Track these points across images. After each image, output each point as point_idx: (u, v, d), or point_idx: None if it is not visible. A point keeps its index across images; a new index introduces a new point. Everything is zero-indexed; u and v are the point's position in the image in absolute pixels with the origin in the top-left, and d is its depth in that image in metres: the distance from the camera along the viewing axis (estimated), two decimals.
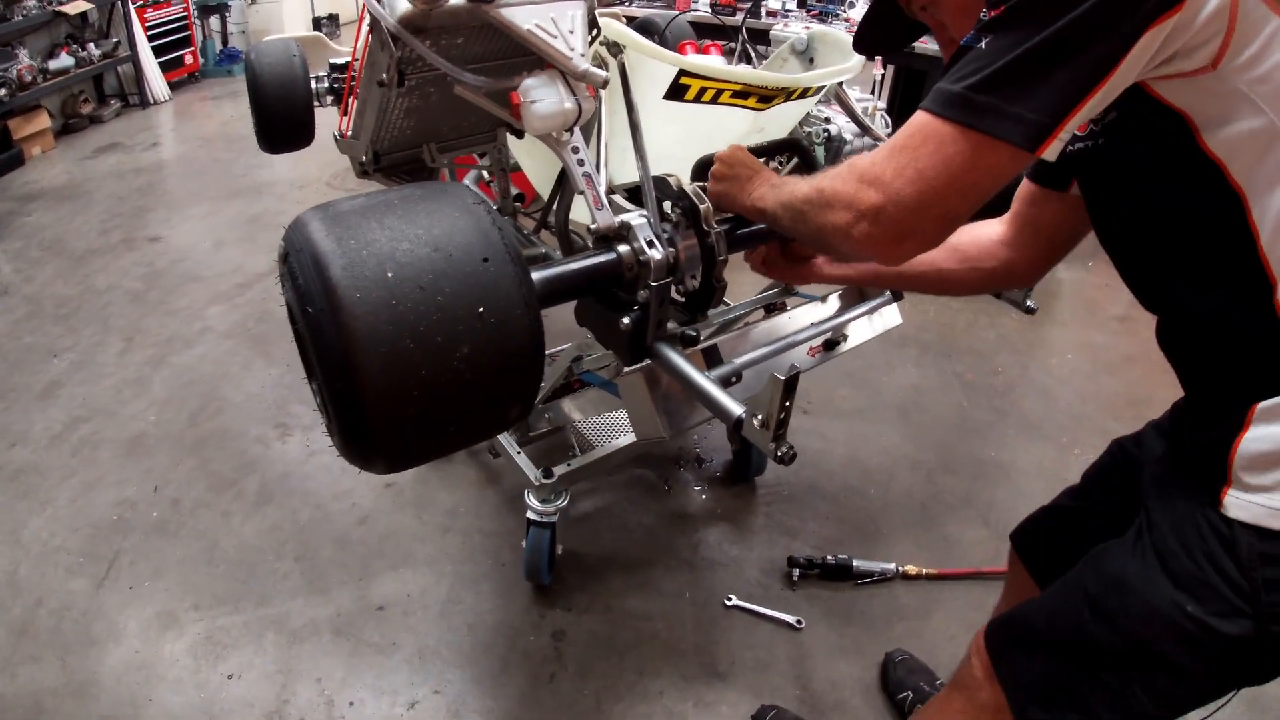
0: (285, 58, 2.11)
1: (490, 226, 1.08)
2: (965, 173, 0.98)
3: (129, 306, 3.99)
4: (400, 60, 1.45)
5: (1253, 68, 0.93)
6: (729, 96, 1.68)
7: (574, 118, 1.38)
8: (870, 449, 3.18)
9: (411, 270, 1.00)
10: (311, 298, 0.99)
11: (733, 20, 4.94)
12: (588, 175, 1.40)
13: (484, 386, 1.05)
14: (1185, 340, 1.18)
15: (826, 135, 1.99)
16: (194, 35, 7.84)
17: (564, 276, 1.31)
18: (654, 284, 1.31)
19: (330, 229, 1.02)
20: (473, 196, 1.13)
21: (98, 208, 5.11)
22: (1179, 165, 1.02)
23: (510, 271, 1.06)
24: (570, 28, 1.36)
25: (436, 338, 0.99)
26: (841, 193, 1.08)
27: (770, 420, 1.13)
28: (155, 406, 3.27)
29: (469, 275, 1.03)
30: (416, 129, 1.88)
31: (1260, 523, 1.04)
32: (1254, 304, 1.01)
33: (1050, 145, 0.94)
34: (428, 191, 1.12)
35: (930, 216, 1.02)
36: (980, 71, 0.96)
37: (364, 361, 0.96)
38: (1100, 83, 0.92)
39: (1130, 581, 1.18)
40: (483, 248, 1.05)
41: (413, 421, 1.01)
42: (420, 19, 1.28)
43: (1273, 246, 0.98)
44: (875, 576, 2.56)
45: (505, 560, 2.55)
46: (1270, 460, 1.04)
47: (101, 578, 2.49)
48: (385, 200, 1.09)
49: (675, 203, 1.42)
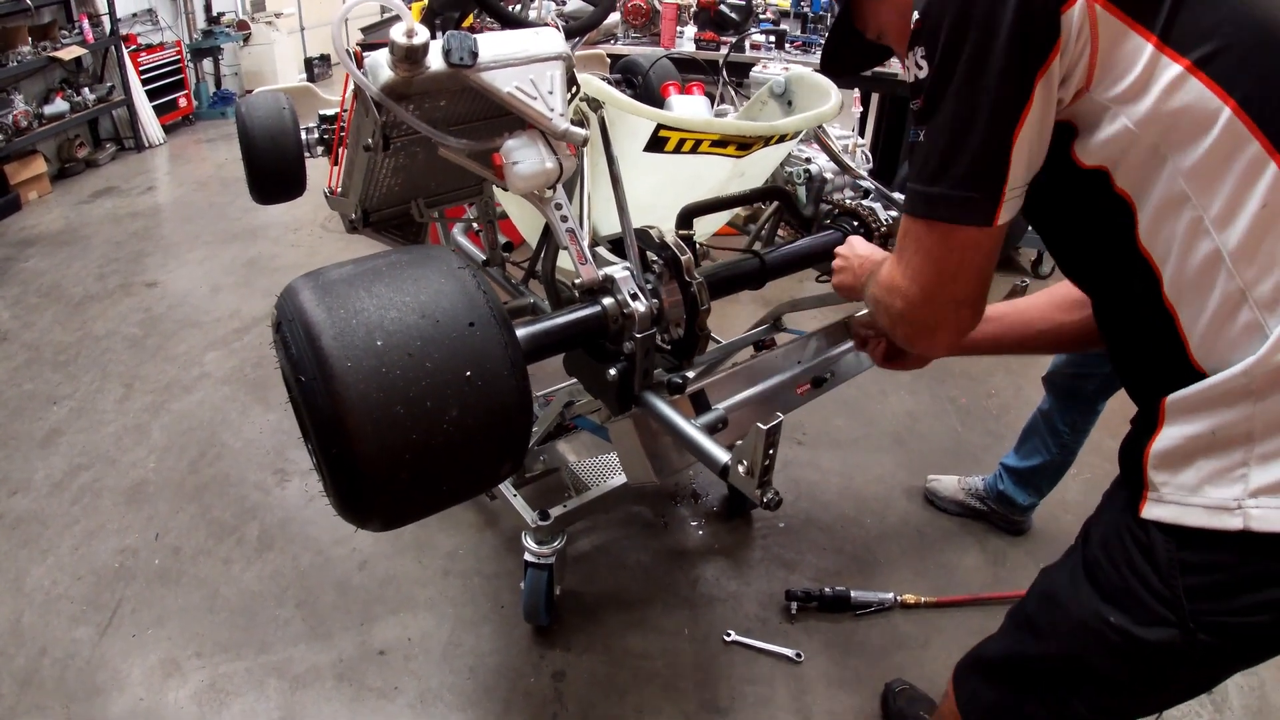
0: (275, 110, 2.14)
1: (475, 290, 1.12)
2: (946, 259, 1.09)
3: (127, 353, 4.01)
4: (385, 125, 1.48)
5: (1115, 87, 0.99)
6: (708, 146, 1.72)
7: (555, 176, 1.42)
8: (866, 478, 3.20)
9: (400, 338, 1.03)
10: (304, 367, 1.02)
11: (716, 55, 5.00)
12: (571, 231, 1.44)
13: (474, 446, 1.08)
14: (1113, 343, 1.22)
15: (807, 175, 2.03)
16: (187, 78, 7.89)
17: (550, 332, 1.34)
18: (638, 335, 1.35)
19: (320, 298, 1.05)
20: (457, 260, 1.16)
21: (95, 253, 5.14)
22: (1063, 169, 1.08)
23: (495, 334, 1.09)
24: (549, 88, 1.39)
25: (426, 402, 1.02)
26: (879, 300, 1.22)
27: (755, 468, 1.16)
28: (155, 453, 3.28)
29: (455, 340, 1.06)
30: (404, 186, 1.91)
31: (1177, 520, 1.05)
32: (1146, 299, 1.05)
33: (1003, 213, 1.04)
34: (414, 257, 1.15)
35: (941, 305, 1.13)
36: (926, 165, 1.07)
37: (356, 427, 0.99)
38: (1015, 132, 1.00)
39: (1059, 596, 1.22)
40: (468, 312, 1.09)
41: (406, 483, 1.04)
42: (403, 86, 1.31)
43: (1152, 241, 1.03)
44: (874, 607, 2.57)
45: (505, 602, 2.56)
46: (1179, 456, 1.06)
47: (105, 626, 2.50)
48: (373, 267, 1.12)
49: (657, 254, 1.45)
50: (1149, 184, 1.00)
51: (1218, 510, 1.02)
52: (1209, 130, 0.95)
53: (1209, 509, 1.03)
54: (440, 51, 1.27)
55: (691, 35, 5.50)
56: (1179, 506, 1.06)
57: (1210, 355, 1.02)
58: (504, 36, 1.38)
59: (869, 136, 5.24)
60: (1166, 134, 0.97)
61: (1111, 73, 0.99)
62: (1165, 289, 1.03)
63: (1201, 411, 1.03)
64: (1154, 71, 0.97)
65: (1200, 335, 1.02)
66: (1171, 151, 0.97)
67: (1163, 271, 1.02)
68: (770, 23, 5.70)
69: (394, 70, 1.27)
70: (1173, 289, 1.02)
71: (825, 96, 1.97)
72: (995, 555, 2.85)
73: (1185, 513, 1.05)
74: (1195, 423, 1.03)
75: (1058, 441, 2.70)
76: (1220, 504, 1.02)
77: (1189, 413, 1.04)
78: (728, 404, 1.57)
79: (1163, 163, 0.98)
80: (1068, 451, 2.73)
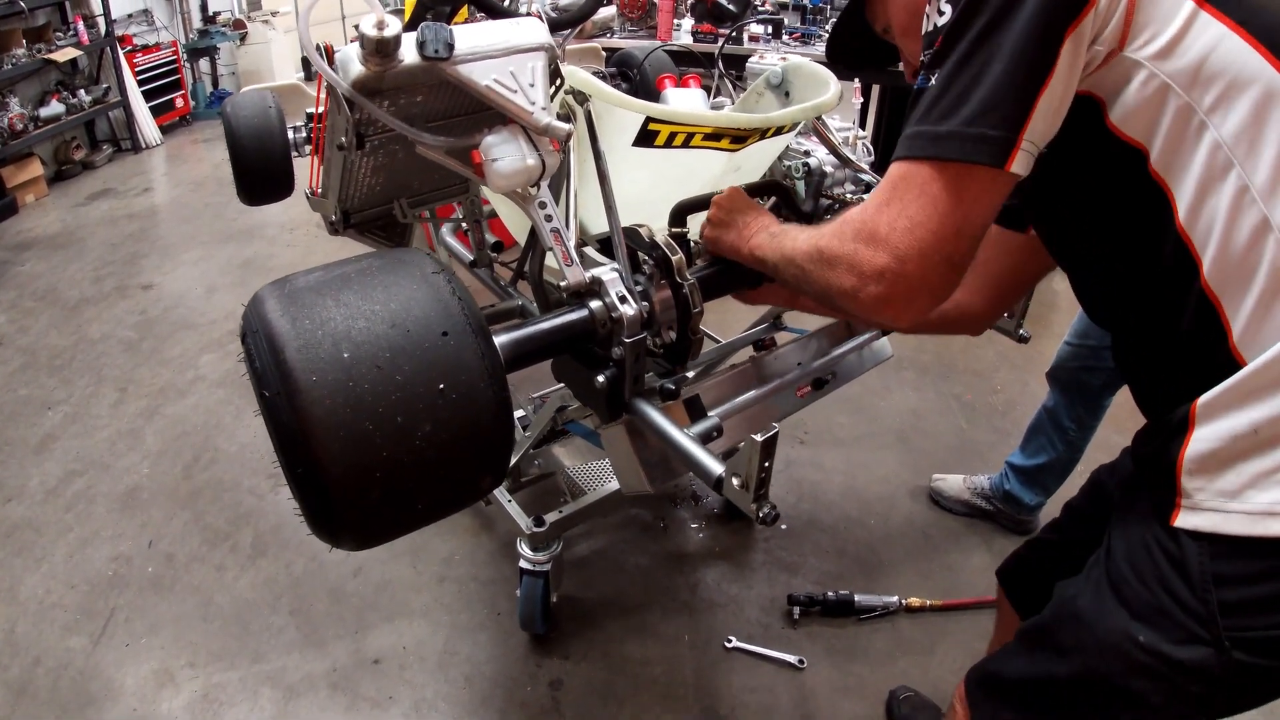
0: (261, 109, 2.10)
1: (450, 297, 1.06)
2: (954, 208, 0.97)
3: (122, 356, 3.98)
4: (358, 122, 1.41)
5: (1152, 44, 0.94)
6: (701, 140, 1.65)
7: (538, 174, 1.35)
8: (869, 477, 3.16)
9: (368, 349, 0.98)
10: (268, 381, 0.97)
11: (713, 47, 4.94)
12: (556, 231, 1.37)
13: (450, 463, 1.03)
14: (1131, 344, 1.16)
15: (806, 169, 1.96)
16: (184, 78, 7.84)
17: (534, 337, 1.29)
18: (627, 340, 1.28)
19: (285, 308, 1.00)
20: (432, 265, 1.11)
21: (91, 255, 5.11)
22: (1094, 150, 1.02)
23: (471, 344, 1.04)
24: (530, 80, 1.32)
25: (396, 418, 0.97)
26: (842, 254, 1.04)
27: (750, 481, 1.11)
28: (149, 459, 3.25)
29: (428, 351, 1.01)
30: (385, 186, 1.84)
31: (1215, 529, 0.99)
32: (1182, 286, 0.99)
33: (1017, 157, 0.94)
34: (386, 262, 1.10)
35: (935, 266, 0.99)
36: (935, 105, 0.98)
37: (323, 445, 0.94)
38: (1040, 88, 0.93)
39: (1084, 614, 1.15)
40: (442, 320, 1.03)
41: (377, 501, 0.99)
42: (375, 81, 1.23)
43: (1193, 224, 0.97)
44: (878, 611, 2.53)
45: (501, 609, 2.52)
46: (1219, 460, 0.99)
47: (98, 635, 2.47)
48: (342, 274, 1.07)
49: (647, 254, 1.40)
50: (1189, 158, 0.95)
51: (1262, 516, 0.96)
52: (1250, 89, 0.92)
53: (1251, 515, 0.97)
54: (414, 44, 1.20)
55: (689, 28, 5.45)
56: (1217, 514, 0.99)
57: (1255, 341, 0.96)
58: (483, 27, 1.31)
59: (870, 129, 5.17)
60: (1205, 93, 0.93)
61: (1148, 28, 0.94)
62: (1205, 275, 0.97)
63: (1244, 406, 0.96)
64: (1192, 27, 0.93)
65: (1245, 320, 0.96)
66: (1212, 116, 0.93)
67: (1203, 256, 0.96)
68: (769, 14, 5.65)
69: (365, 65, 1.20)
70: (1215, 273, 0.96)
71: (824, 87, 1.89)
72: (1001, 556, 2.71)
73: (1224, 520, 0.99)
74: (1236, 419, 0.97)
75: (1064, 438, 2.65)
76: (1266, 509, 0.96)
77: (1228, 409, 0.98)
78: (723, 409, 1.52)
79: (1202, 131, 0.94)
80: (1074, 449, 2.68)
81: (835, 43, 1.46)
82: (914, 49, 1.21)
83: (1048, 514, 2.87)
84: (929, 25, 1.01)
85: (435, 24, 1.21)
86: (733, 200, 1.45)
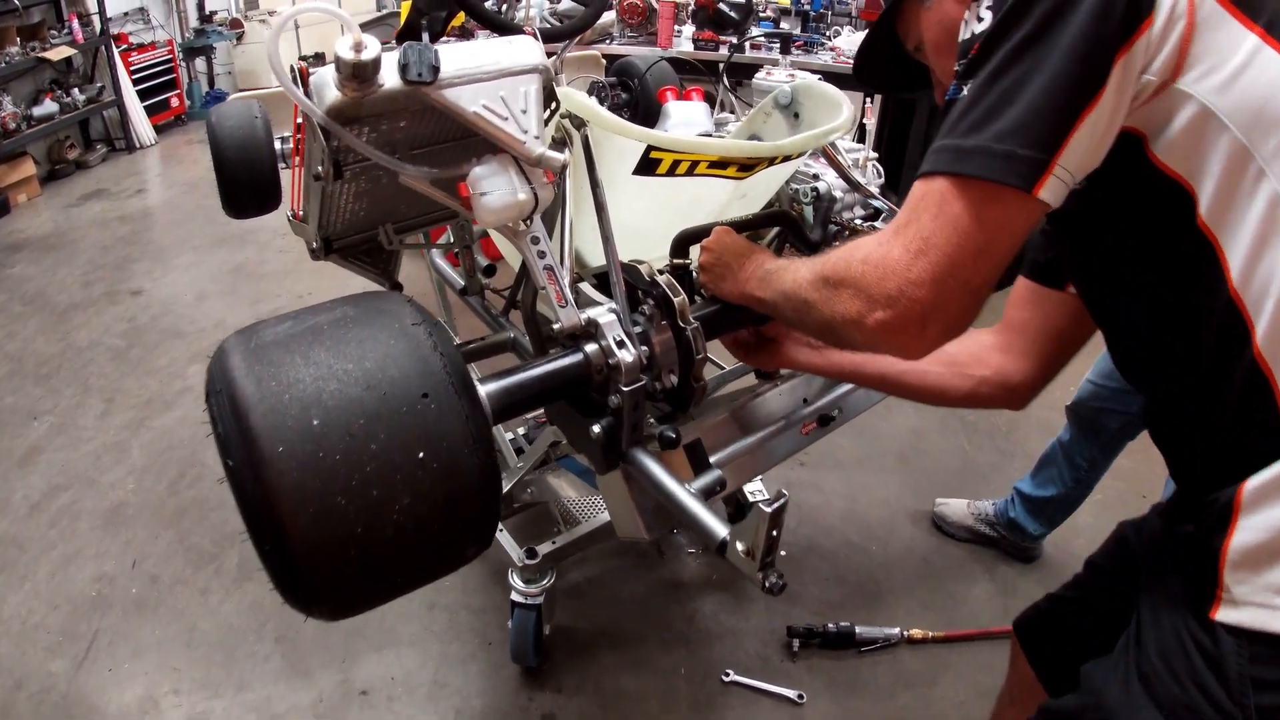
0: (247, 120, 2.02)
1: (431, 353, 0.99)
2: (975, 230, 0.88)
3: (110, 365, 3.91)
4: (335, 151, 1.31)
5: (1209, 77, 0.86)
6: (706, 167, 1.57)
7: (530, 208, 1.26)
8: (870, 500, 3.09)
9: (340, 415, 0.91)
10: (231, 448, 0.90)
11: (716, 56, 4.88)
12: (549, 269, 1.29)
13: (431, 535, 0.96)
14: (1167, 414, 1.07)
15: (815, 194, 1.88)
16: (179, 78, 7.79)
17: (525, 385, 1.21)
18: (626, 389, 1.21)
19: (251, 367, 0.93)
20: (411, 315, 1.03)
21: (81, 258, 5.05)
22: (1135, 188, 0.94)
23: (454, 406, 0.97)
24: (523, 106, 1.21)
25: (371, 491, 0.90)
26: (849, 278, 0.96)
27: (756, 551, 1.04)
28: (134, 474, 3.18)
29: (405, 416, 0.93)
30: (369, 211, 1.75)
31: (1260, 627, 0.90)
32: (1231, 353, 0.90)
33: (1047, 182, 0.85)
34: (362, 311, 1.02)
35: (950, 291, 0.90)
36: (964, 117, 0.90)
37: (291, 520, 0.87)
38: (1082, 111, 0.84)
39: (1113, 707, 1.07)
40: (421, 380, 0.96)
41: (352, 578, 0.92)
42: (352, 108, 1.13)
43: (1246, 284, 0.88)
44: (879, 643, 2.46)
45: (493, 639, 2.45)
46: (1268, 553, 0.90)
47: (81, 658, 2.40)
48: (314, 326, 0.99)
49: (647, 292, 1.33)
50: (1243, 210, 0.87)
51: None
52: None
53: None
54: (395, 66, 1.11)
55: (690, 35, 5.37)
56: (1262, 610, 0.91)
57: None
58: (471, 47, 1.22)
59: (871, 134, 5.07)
60: (1267, 138, 0.85)
61: (1205, 60, 0.86)
62: (1258, 342, 0.88)
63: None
64: (1254, 62, 0.85)
65: None
66: (1273, 164, 0.85)
67: (1256, 321, 0.88)
68: (771, 22, 5.58)
69: (341, 90, 1.10)
70: (1269, 340, 0.88)
71: (836, 109, 1.80)
72: (1005, 585, 2.75)
73: (1270, 618, 0.90)
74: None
75: (1074, 475, 2.59)
76: None
77: None
78: (726, 454, 1.46)
79: (1260, 180, 0.85)
80: (1084, 486, 2.62)
81: (864, 61, 1.38)
82: (947, 67, 1.14)
83: (1051, 539, 2.83)
84: (966, 33, 0.95)
85: (419, 45, 1.12)
86: (721, 243, 1.37)
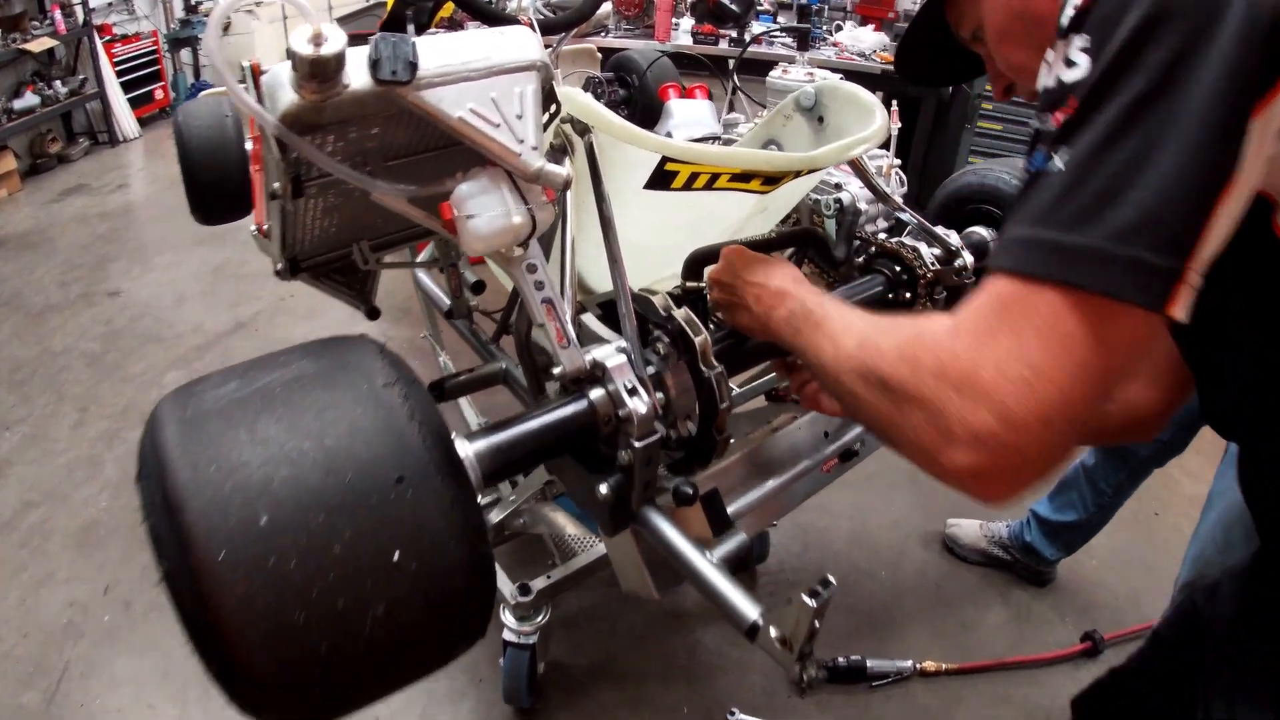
0: (216, 119, 1.87)
1: (407, 423, 0.82)
2: (1093, 358, 0.68)
3: (85, 371, 3.76)
4: (294, 162, 1.08)
5: None
6: (728, 180, 1.37)
7: (525, 232, 1.06)
8: (879, 522, 2.97)
9: (295, 510, 0.74)
10: (165, 549, 0.74)
11: (726, 52, 4.73)
12: (548, 302, 1.12)
13: (410, 645, 0.81)
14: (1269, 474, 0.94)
15: (839, 205, 1.72)
16: (164, 69, 7.60)
17: (519, 442, 1.04)
18: (638, 444, 1.06)
19: (186, 445, 0.76)
20: (383, 372, 0.86)
21: (59, 257, 4.89)
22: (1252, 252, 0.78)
23: (435, 490, 0.80)
24: (518, 110, 1.00)
25: (336, 602, 0.74)
26: (920, 395, 0.75)
27: (795, 643, 0.91)
28: (108, 490, 3.03)
29: (376, 509, 0.77)
30: (341, 228, 1.51)
31: None
32: None
33: (1180, 294, 0.67)
34: (323, 368, 0.85)
35: (1057, 434, 0.70)
36: (1066, 200, 0.69)
37: (238, 641, 0.72)
38: (1221, 191, 0.66)
39: None
40: (396, 460, 0.79)
41: (320, 696, 0.77)
42: (312, 114, 0.92)
43: None
44: (891, 677, 2.35)
45: (483, 676, 2.31)
46: None
47: (52, 691, 2.28)
48: (265, 388, 0.82)
49: (661, 329, 1.18)
50: None
51: None
52: None
53: None
54: (366, 63, 0.91)
55: (688, 28, 5.21)
56: None
57: None
58: (457, 40, 1.00)
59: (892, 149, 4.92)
60: None
61: None
62: None
63: None
64: None
65: None
66: None
67: None
68: (770, 15, 5.43)
69: (299, 92, 0.89)
70: None
71: (867, 114, 1.60)
72: (1019, 610, 2.64)
73: None
74: None
75: (1097, 500, 2.47)
76: None
77: None
78: (744, 502, 1.32)
79: None
80: (1106, 511, 2.50)
81: (907, 51, 1.24)
82: (1013, 58, 0.98)
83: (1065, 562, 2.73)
84: (1049, 79, 0.74)
85: (393, 36, 0.92)
86: (733, 269, 1.20)
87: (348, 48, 0.88)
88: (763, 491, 1.35)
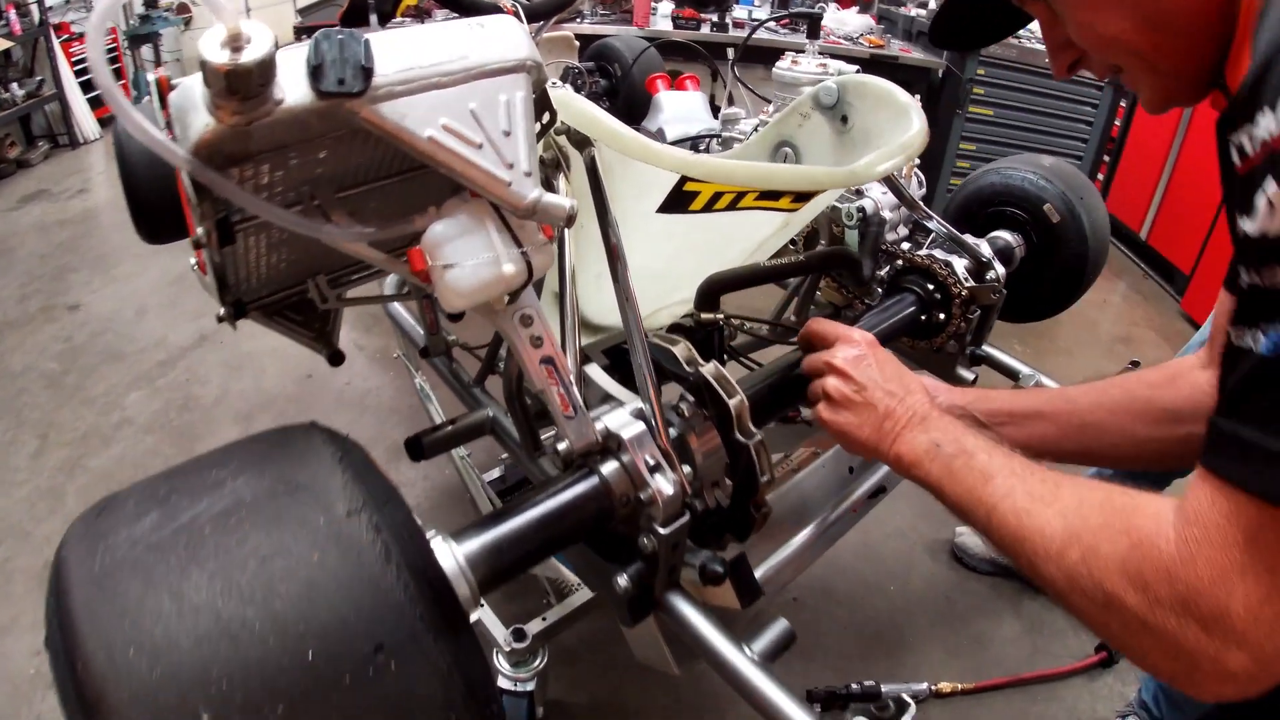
0: None
1: (381, 567, 0.62)
2: None
3: (44, 394, 3.57)
4: (218, 203, 0.85)
5: None
6: (754, 199, 1.19)
7: (519, 282, 0.86)
8: (884, 532, 2.85)
9: (243, 706, 0.56)
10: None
11: (697, 35, 4.56)
12: (548, 363, 0.91)
13: None
14: None
15: (862, 214, 1.55)
16: (124, 67, 7.37)
17: (519, 539, 0.85)
18: (663, 531, 0.89)
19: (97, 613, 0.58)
20: (345, 495, 0.66)
21: (19, 269, 4.69)
22: None
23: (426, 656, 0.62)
24: (504, 125, 0.79)
25: None
26: (1155, 626, 0.67)
27: None
28: None
29: (350, 693, 0.58)
30: (293, 263, 1.26)
31: None
32: None
33: None
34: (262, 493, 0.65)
35: None
36: None
37: None
38: None
39: None
40: (369, 623, 0.60)
41: None
42: (234, 142, 0.70)
43: None
44: None
45: None
46: None
47: None
48: (190, 525, 0.63)
49: (687, 390, 1.02)
50: None
51: None
52: None
53: None
54: (305, 69, 0.69)
55: (668, 12, 5.03)
56: None
57: None
58: (425, 34, 0.78)
59: None
60: None
61: None
62: None
63: None
64: None
65: None
66: None
67: None
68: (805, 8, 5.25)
69: (215, 114, 0.67)
70: None
71: (902, 115, 1.40)
72: (1033, 622, 2.55)
73: None
74: None
75: None
76: None
77: None
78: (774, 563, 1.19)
79: None
80: None
81: (949, 14, 1.07)
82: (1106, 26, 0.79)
83: None
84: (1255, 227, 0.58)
85: (340, 33, 0.71)
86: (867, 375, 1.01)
87: (283, 49, 0.67)
88: (793, 548, 1.21)
